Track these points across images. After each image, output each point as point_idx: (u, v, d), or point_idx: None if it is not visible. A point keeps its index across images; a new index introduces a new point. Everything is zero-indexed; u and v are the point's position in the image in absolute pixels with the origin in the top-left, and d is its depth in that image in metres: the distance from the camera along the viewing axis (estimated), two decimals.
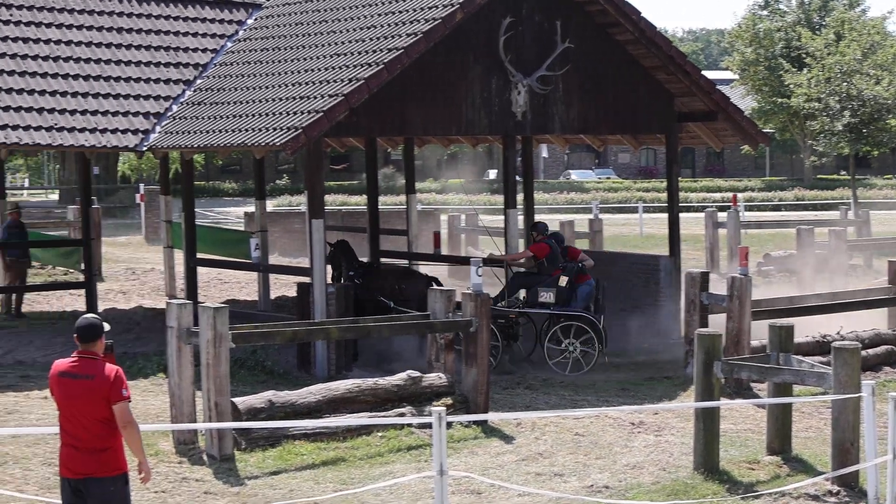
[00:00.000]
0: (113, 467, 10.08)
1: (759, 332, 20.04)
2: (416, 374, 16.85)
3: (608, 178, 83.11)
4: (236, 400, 15.40)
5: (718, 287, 21.77)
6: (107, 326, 10.13)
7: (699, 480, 13.86)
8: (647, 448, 15.47)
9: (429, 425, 14.71)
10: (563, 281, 21.62)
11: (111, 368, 9.99)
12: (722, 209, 41.46)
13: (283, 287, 29.32)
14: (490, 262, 22.04)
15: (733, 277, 19.21)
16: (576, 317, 20.71)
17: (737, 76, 79.04)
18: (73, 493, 10.09)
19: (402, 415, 16.12)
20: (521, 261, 22.22)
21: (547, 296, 21.13)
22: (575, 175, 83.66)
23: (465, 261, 22.83)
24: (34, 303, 27.96)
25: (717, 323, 19.63)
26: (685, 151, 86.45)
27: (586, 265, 21.78)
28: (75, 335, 10.04)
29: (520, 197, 24.08)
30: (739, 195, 52.75)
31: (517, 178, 23.44)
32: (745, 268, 19.45)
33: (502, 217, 22.73)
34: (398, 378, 16.74)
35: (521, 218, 24.06)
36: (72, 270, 32.03)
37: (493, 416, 15.98)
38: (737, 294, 18.96)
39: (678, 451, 15.21)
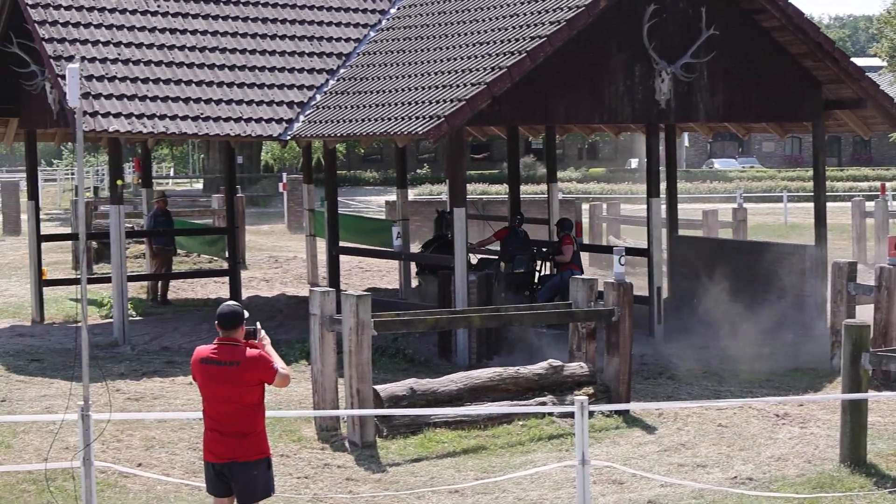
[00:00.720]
0: (256, 451, 10.18)
1: None
2: (558, 363, 16.80)
3: (752, 166, 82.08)
4: (378, 387, 15.49)
5: (866, 277, 21.36)
6: (246, 314, 10.24)
7: (845, 473, 13.61)
8: (792, 440, 15.24)
9: (570, 414, 14.68)
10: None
11: (253, 353, 10.11)
12: (869, 198, 40.71)
13: None
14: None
15: (882, 267, 18.83)
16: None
17: (885, 63, 77.48)
18: (217, 477, 10.23)
19: (543, 404, 16.08)
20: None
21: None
22: (718, 164, 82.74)
23: (607, 250, 22.72)
24: (179, 290, 28.43)
25: (865, 314, 19.26)
26: (831, 140, 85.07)
27: (557, 258, 23.20)
28: (216, 322, 10.16)
29: (662, 186, 23.86)
30: (888, 184, 51.68)
31: (660, 166, 23.24)
32: (895, 258, 19.05)
33: (644, 206, 22.57)
34: (540, 367, 16.70)
35: (663, 207, 23.84)
36: (216, 258, 32.51)
37: (635, 406, 15.87)
38: (885, 284, 18.58)
39: (824, 444, 14.95)
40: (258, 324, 10.34)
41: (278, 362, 10.23)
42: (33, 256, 24.64)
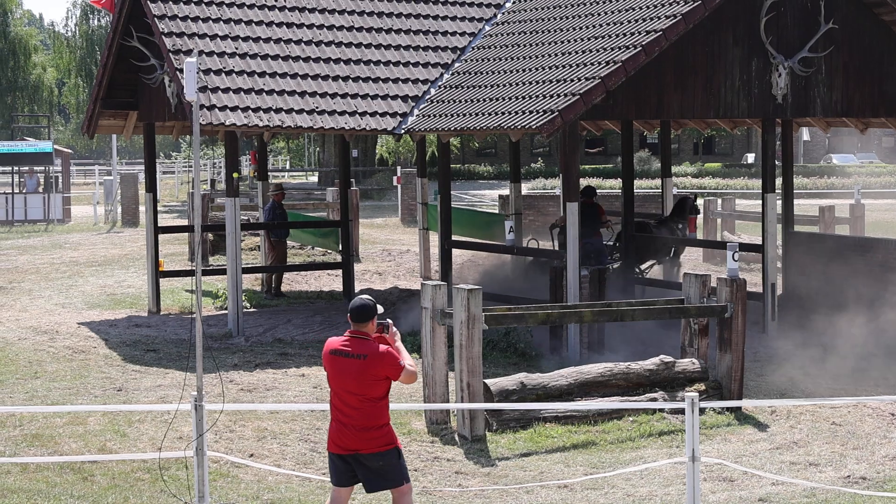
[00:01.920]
0: (381, 443, 10.25)
1: None
2: (669, 359, 16.71)
3: (871, 162, 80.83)
4: (488, 381, 15.52)
5: None
6: (380, 309, 10.33)
7: None
8: None
9: (681, 411, 14.59)
10: None
11: (383, 348, 10.17)
12: None
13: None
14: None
15: None
16: None
17: None
18: (341, 468, 10.34)
19: (654, 399, 16.01)
20: None
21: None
22: (836, 159, 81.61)
23: (721, 245, 22.54)
24: (293, 283, 28.68)
25: None
26: None
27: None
28: (349, 314, 10.25)
29: (778, 181, 23.62)
30: None
31: (776, 161, 23.00)
32: None
33: (759, 202, 22.36)
34: (651, 363, 16.63)
35: (779, 203, 23.60)
36: (330, 251, 32.75)
37: (746, 403, 15.72)
38: None
39: None
40: (389, 319, 10.44)
41: (406, 359, 10.30)
42: (151, 248, 25.00)
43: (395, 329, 10.42)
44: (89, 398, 17.00)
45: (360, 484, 10.48)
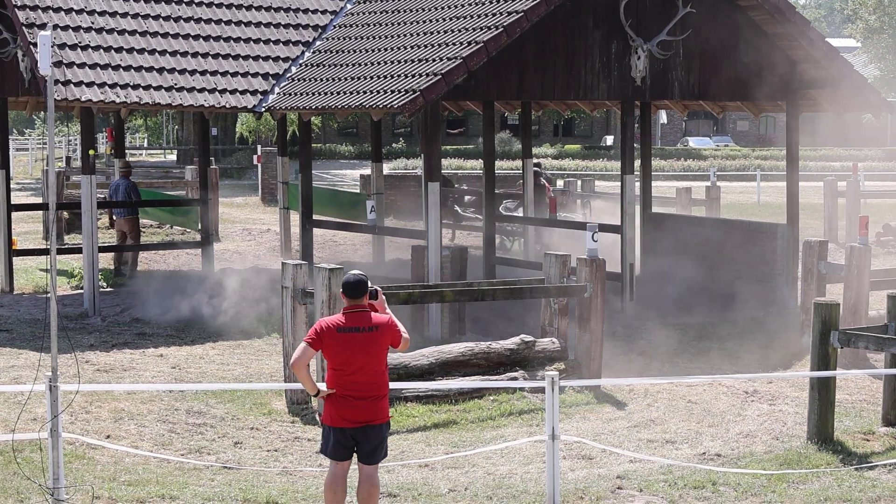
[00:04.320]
0: (386, 413, 10.57)
1: (877, 303, 19.77)
2: (530, 338, 16.83)
3: (726, 145, 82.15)
4: None
5: (837, 257, 21.40)
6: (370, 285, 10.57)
7: (813, 450, 13.66)
8: (761, 417, 15.30)
9: (541, 390, 14.69)
10: None
11: (385, 318, 10.49)
12: (842, 179, 40.78)
13: (398, 250, 29.40)
14: None
15: (852, 247, 18.89)
16: None
17: (859, 44, 77.62)
18: (346, 443, 10.47)
19: (514, 378, 16.10)
20: None
21: None
22: (693, 142, 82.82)
23: (580, 226, 22.72)
24: (151, 262, 28.31)
25: (835, 293, 19.33)
26: (805, 119, 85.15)
27: None
28: (342, 291, 10.48)
29: (637, 163, 23.88)
30: (860, 164, 51.72)
31: (635, 144, 23.25)
32: (865, 237, 19.09)
33: (618, 183, 22.59)
34: (511, 342, 16.72)
35: (637, 184, 23.86)
36: (189, 230, 32.39)
37: (605, 382, 15.90)
38: (855, 263, 18.64)
39: (792, 421, 15.01)
40: (377, 286, 10.65)
41: (399, 325, 10.59)
42: (3, 226, 24.47)
43: (382, 296, 10.63)
44: None
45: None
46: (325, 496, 10.70)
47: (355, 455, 10.58)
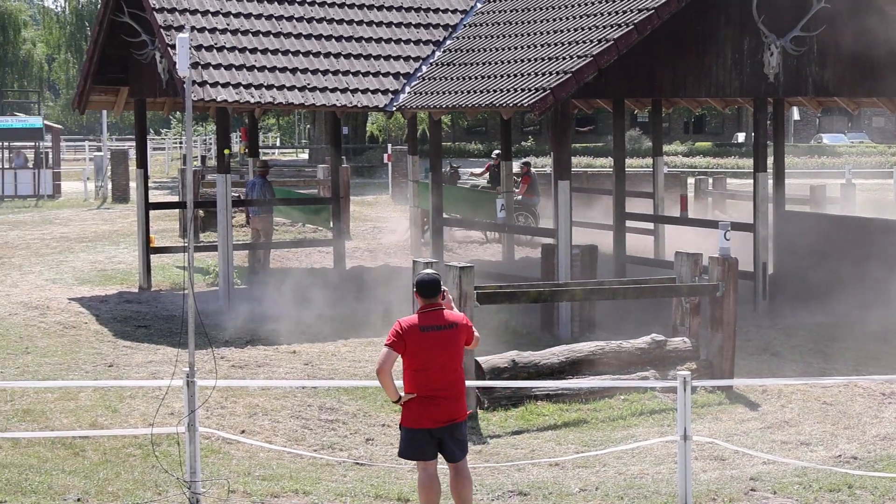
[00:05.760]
0: (466, 410, 10.68)
1: None
2: (661, 337, 16.73)
3: (861, 142, 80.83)
4: (480, 359, 15.53)
5: None
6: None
7: None
8: None
9: (673, 389, 14.59)
10: None
11: (460, 315, 10.67)
12: None
13: (528, 248, 29.39)
14: None
15: None
16: None
17: None
18: (431, 442, 10.53)
19: (645, 378, 16.02)
20: None
21: None
22: (827, 139, 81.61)
23: (712, 224, 22.53)
24: (283, 259, 28.62)
25: None
26: None
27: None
28: (417, 291, 10.54)
29: (770, 160, 23.60)
30: None
31: (767, 141, 23.00)
32: None
33: (751, 181, 22.37)
34: (642, 341, 16.64)
35: (770, 182, 23.58)
36: (320, 228, 32.68)
37: (738, 382, 15.75)
38: None
39: None
40: (444, 287, 10.73)
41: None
42: (141, 224, 24.95)
43: (450, 295, 10.75)
44: (80, 374, 16.99)
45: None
46: (422, 498, 10.64)
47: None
